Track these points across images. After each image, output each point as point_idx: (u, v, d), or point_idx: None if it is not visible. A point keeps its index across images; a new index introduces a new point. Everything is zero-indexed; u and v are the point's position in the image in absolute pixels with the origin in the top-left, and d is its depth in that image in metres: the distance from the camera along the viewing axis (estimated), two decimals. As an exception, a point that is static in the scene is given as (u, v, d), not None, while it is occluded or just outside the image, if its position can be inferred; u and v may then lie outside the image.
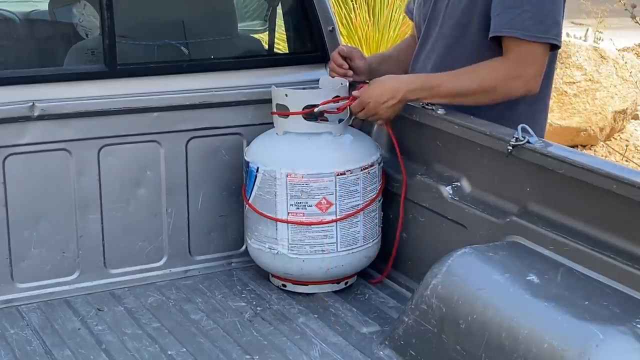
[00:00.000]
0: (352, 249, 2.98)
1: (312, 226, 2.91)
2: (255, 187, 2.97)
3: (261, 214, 2.97)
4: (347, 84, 3.03)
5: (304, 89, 3.10)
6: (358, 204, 2.94)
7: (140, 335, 2.78)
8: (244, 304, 3.00)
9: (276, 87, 3.01)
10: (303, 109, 2.94)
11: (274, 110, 3.02)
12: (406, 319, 2.47)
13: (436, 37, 2.96)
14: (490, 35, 2.78)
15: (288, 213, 2.92)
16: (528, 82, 2.76)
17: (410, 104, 2.96)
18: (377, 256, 3.13)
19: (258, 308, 2.96)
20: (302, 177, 2.88)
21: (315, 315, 2.91)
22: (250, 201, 3.00)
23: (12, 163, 2.89)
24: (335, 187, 2.90)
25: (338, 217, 2.92)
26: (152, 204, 3.11)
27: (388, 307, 2.98)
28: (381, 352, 2.59)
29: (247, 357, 2.65)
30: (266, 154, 2.97)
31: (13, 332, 2.79)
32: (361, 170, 2.94)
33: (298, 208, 2.91)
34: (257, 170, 2.95)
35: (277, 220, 2.94)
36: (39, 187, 2.94)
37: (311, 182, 2.88)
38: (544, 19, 2.71)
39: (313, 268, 2.96)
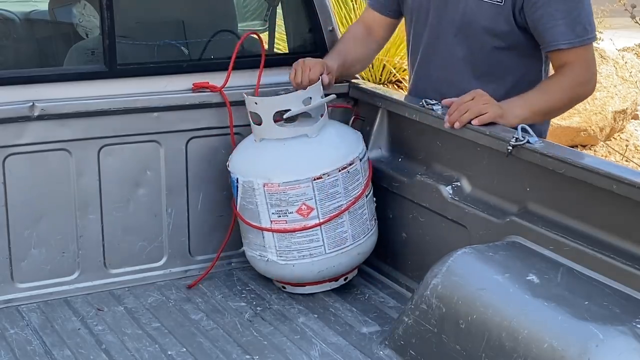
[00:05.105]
0: (341, 249, 2.94)
1: (296, 232, 2.88)
2: (239, 197, 2.95)
3: (248, 224, 2.95)
4: (320, 84, 2.94)
5: (276, 94, 3.05)
6: (341, 205, 2.90)
7: (140, 335, 2.78)
8: (244, 304, 3.00)
9: (247, 94, 2.96)
10: (276, 117, 2.90)
11: (250, 116, 2.98)
12: (406, 319, 2.47)
13: (453, 42, 2.91)
14: (547, 50, 2.80)
15: (271, 221, 2.88)
16: (594, 82, 2.84)
17: (409, 104, 2.97)
18: (376, 255, 3.13)
19: (258, 308, 2.96)
20: (279, 185, 2.84)
21: (315, 315, 2.91)
22: (237, 210, 2.99)
23: (12, 163, 2.89)
24: (314, 191, 2.85)
25: (321, 220, 2.87)
26: (152, 204, 3.11)
27: (388, 307, 2.97)
28: (381, 352, 2.59)
29: (247, 357, 2.65)
30: (244, 164, 2.94)
31: (13, 332, 2.79)
32: (339, 170, 2.88)
33: (279, 216, 2.87)
34: (238, 181, 2.93)
35: (262, 229, 2.91)
36: (39, 187, 2.94)
37: (288, 190, 2.84)
38: (588, 21, 2.77)
39: (304, 272, 2.95)
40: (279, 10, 3.55)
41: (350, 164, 2.90)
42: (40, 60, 3.41)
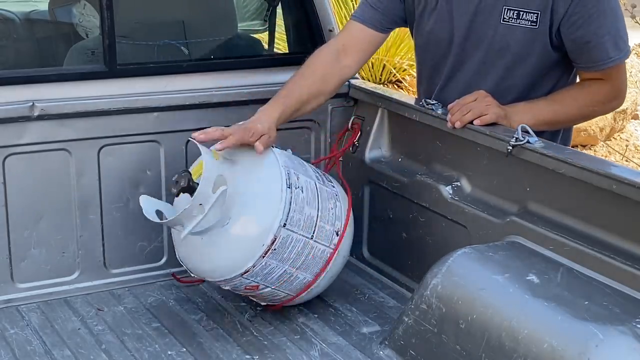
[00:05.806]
0: (309, 290, 2.82)
1: (257, 291, 2.77)
2: None
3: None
4: (204, 187, 2.59)
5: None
6: (285, 270, 2.70)
7: (140, 335, 2.78)
8: (244, 304, 3.00)
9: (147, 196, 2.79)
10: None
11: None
12: (406, 319, 2.47)
13: (478, 70, 2.82)
14: (584, 72, 2.76)
15: (229, 290, 2.81)
16: (620, 100, 2.81)
17: (409, 104, 2.97)
18: (376, 255, 3.12)
19: (258, 308, 2.96)
20: (216, 280, 2.74)
21: (315, 315, 2.91)
22: None
23: (12, 163, 2.89)
24: (249, 279, 2.68)
25: (273, 287, 2.75)
26: (152, 204, 3.11)
27: (388, 307, 2.97)
28: (381, 352, 2.59)
29: (247, 357, 2.65)
30: (179, 250, 2.82)
31: (13, 332, 2.79)
32: (263, 257, 2.63)
33: (233, 289, 2.78)
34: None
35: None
36: (39, 187, 2.94)
37: (225, 284, 2.73)
38: (621, 36, 2.71)
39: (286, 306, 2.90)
40: (279, 10, 3.55)
41: (272, 242, 2.62)
42: (40, 60, 3.41)
